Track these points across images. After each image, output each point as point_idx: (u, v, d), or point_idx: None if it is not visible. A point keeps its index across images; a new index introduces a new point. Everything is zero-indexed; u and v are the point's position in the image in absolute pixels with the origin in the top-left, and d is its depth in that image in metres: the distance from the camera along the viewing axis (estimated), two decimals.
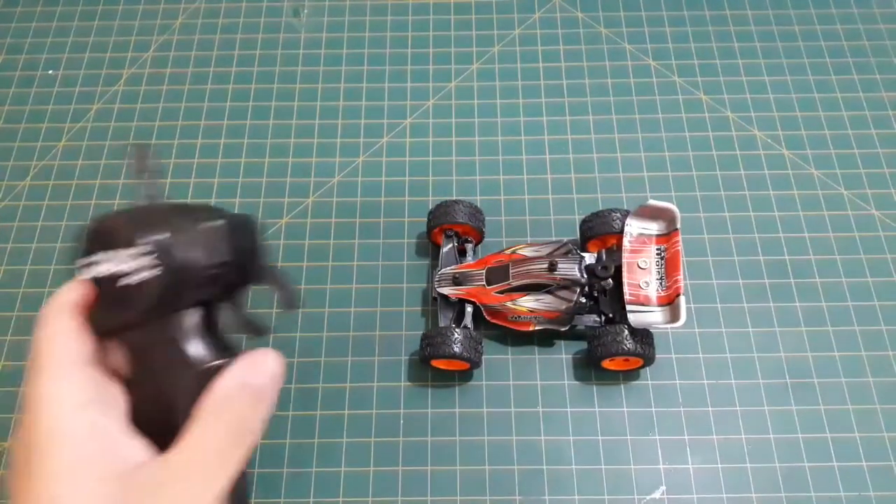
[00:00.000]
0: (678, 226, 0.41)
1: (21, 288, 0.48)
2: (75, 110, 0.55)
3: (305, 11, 0.59)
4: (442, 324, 0.44)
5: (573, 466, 0.42)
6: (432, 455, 0.42)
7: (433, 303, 0.46)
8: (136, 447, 0.27)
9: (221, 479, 0.27)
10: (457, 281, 0.44)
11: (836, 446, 0.42)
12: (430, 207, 0.47)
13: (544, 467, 0.42)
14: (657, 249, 0.42)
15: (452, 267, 0.45)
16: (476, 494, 0.41)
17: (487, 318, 0.44)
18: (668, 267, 0.41)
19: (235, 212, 0.29)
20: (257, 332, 0.31)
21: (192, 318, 0.29)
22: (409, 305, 0.47)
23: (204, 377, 0.27)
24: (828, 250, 0.48)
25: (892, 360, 0.45)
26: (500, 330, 0.45)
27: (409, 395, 0.44)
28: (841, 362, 0.45)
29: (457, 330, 0.41)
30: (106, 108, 0.55)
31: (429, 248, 0.49)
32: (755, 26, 0.57)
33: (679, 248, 0.41)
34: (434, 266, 0.48)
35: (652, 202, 0.41)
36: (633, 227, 0.42)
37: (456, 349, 0.41)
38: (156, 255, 0.25)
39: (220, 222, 0.28)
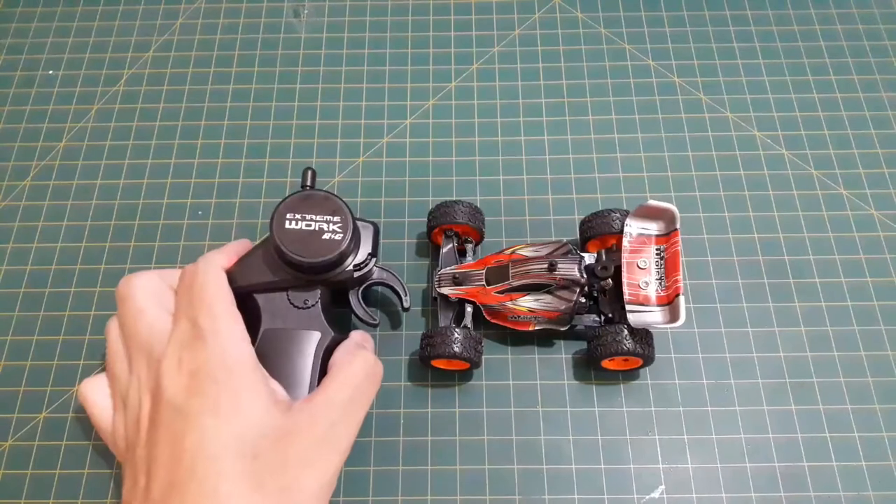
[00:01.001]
0: (678, 226, 0.41)
1: (21, 288, 0.48)
2: (75, 110, 0.55)
3: (305, 12, 0.59)
4: (442, 324, 0.44)
5: (573, 466, 0.42)
6: (432, 455, 0.42)
7: (433, 303, 0.46)
8: (277, 384, 0.34)
9: (361, 413, 0.35)
10: (457, 281, 0.44)
11: (836, 446, 0.42)
12: (430, 208, 0.47)
13: (544, 467, 0.42)
14: (657, 249, 0.42)
15: (452, 267, 0.45)
16: (476, 494, 0.41)
17: (487, 318, 0.44)
18: (668, 267, 0.41)
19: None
20: (372, 321, 0.42)
21: (325, 297, 0.39)
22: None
23: (333, 342, 0.37)
24: (827, 250, 0.48)
25: (891, 360, 0.45)
26: (500, 330, 0.45)
27: (409, 395, 0.44)
28: (840, 362, 0.45)
29: (457, 330, 0.41)
30: (106, 109, 0.55)
31: (429, 248, 0.49)
32: (755, 26, 0.57)
33: (679, 248, 0.41)
34: (434, 266, 0.48)
35: (652, 202, 0.41)
36: (633, 227, 0.42)
37: (456, 349, 0.41)
38: (340, 224, 0.37)
39: (372, 223, 0.41)
